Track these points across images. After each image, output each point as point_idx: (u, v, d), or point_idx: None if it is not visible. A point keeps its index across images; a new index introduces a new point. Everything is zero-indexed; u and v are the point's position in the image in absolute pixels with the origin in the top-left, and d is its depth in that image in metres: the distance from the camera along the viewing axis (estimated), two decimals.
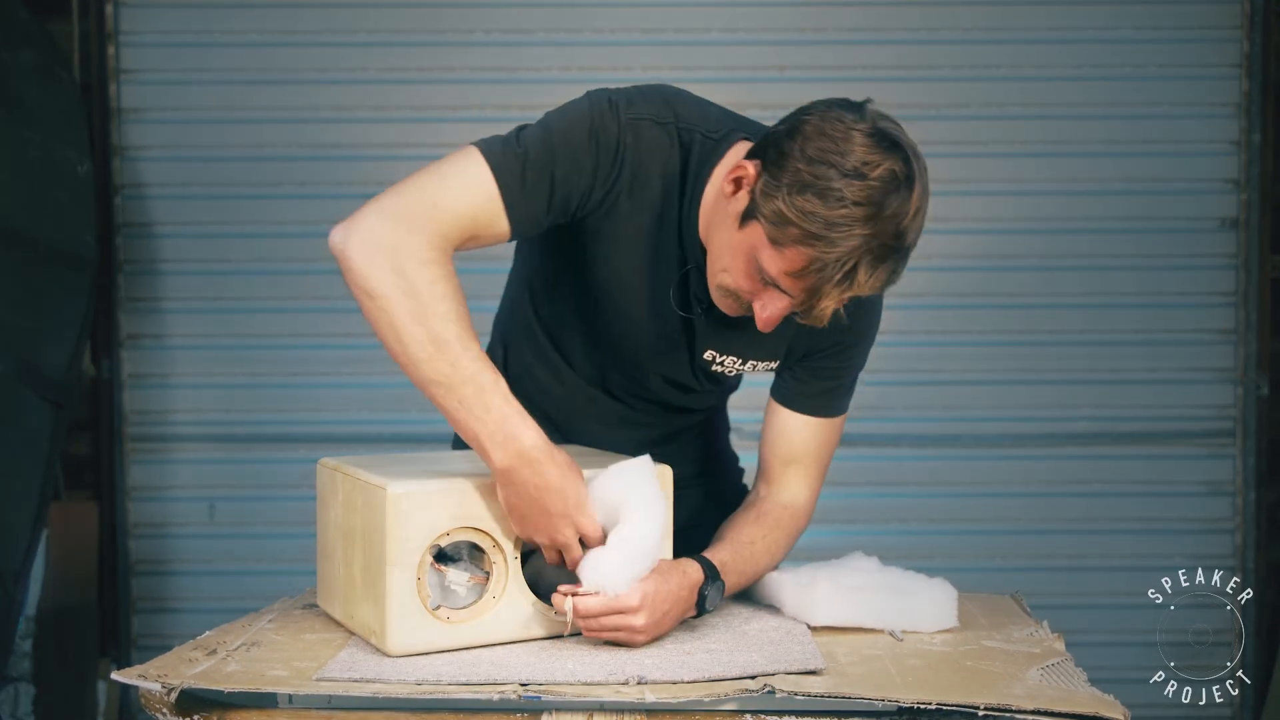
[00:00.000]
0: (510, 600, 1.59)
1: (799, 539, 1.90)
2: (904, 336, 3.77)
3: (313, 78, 3.73)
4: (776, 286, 1.55)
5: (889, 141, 1.49)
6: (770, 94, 3.73)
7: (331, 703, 1.43)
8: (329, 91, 3.73)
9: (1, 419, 3.11)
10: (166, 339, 3.77)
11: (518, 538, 1.58)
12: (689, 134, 1.70)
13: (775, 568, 1.84)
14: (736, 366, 1.79)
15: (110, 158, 3.70)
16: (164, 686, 1.40)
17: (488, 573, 1.59)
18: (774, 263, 1.52)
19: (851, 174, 1.47)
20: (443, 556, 1.58)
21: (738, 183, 1.58)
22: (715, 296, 1.66)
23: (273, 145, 3.74)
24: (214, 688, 1.41)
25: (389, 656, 1.51)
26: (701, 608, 1.64)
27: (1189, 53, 3.74)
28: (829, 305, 1.53)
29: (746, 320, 1.65)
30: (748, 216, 1.55)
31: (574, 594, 1.54)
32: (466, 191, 1.60)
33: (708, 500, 1.95)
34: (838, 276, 1.49)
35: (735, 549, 1.74)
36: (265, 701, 1.43)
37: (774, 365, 1.81)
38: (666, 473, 1.68)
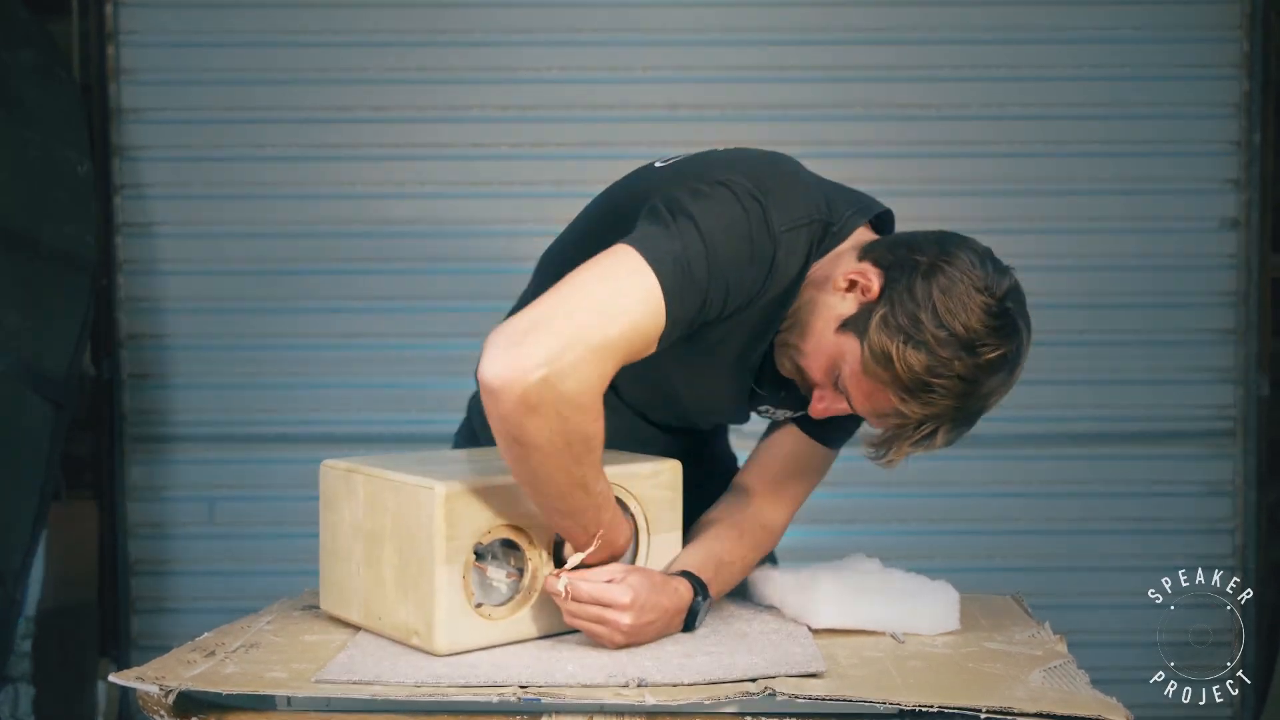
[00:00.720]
0: (545, 596, 1.61)
1: None
2: None
3: (313, 78, 3.72)
4: (848, 400, 1.58)
5: (1010, 325, 1.52)
6: (770, 94, 3.73)
7: (330, 705, 1.43)
8: (329, 91, 3.73)
9: (1, 419, 3.11)
10: (166, 339, 3.77)
11: (553, 534, 1.61)
12: (823, 228, 1.64)
13: None
14: (787, 415, 1.81)
15: (110, 158, 3.70)
16: (162, 689, 1.40)
17: (521, 570, 1.62)
18: (857, 387, 1.55)
19: (965, 348, 1.49)
20: (477, 555, 1.60)
21: (852, 284, 1.57)
22: (779, 356, 1.65)
23: (273, 145, 3.74)
24: (212, 690, 1.41)
25: (437, 655, 1.53)
26: (690, 625, 1.65)
27: (1189, 53, 3.74)
28: (900, 455, 1.59)
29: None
30: (850, 327, 1.55)
31: (572, 570, 1.55)
32: (642, 308, 1.47)
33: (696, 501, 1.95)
34: (917, 438, 1.55)
35: (719, 568, 1.74)
36: (264, 704, 1.43)
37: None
38: (677, 468, 1.72)
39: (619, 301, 1.45)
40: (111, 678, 1.47)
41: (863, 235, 1.66)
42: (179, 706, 1.41)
